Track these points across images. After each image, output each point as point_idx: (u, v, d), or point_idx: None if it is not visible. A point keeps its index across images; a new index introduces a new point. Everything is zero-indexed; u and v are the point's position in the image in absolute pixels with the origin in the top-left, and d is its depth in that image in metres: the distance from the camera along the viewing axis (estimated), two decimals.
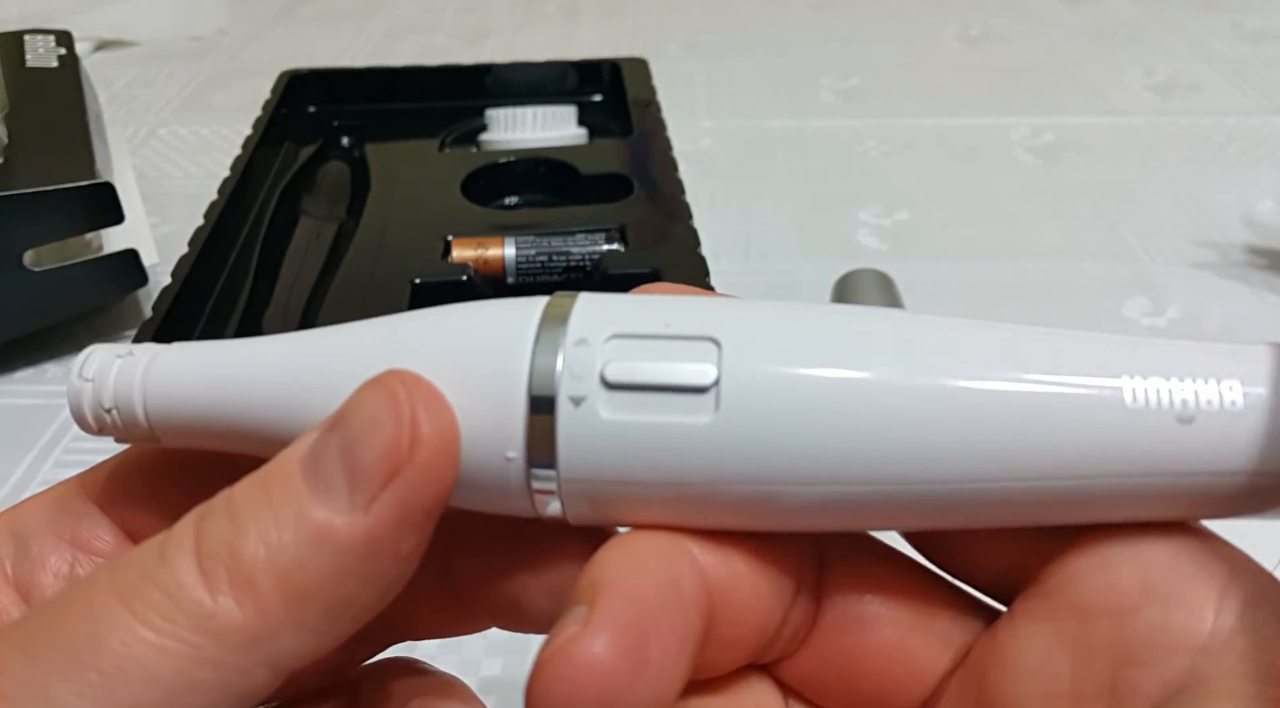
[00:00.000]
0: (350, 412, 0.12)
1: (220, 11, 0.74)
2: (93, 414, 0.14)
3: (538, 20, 0.73)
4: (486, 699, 0.28)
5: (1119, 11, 0.72)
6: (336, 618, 0.12)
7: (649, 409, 0.12)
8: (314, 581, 0.12)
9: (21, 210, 0.37)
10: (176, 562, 0.12)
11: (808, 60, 0.65)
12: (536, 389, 0.12)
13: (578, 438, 0.12)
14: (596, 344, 0.12)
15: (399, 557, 0.12)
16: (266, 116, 0.47)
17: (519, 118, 0.46)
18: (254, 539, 0.12)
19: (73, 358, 0.14)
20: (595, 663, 0.11)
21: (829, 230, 0.47)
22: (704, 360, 0.12)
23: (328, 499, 0.12)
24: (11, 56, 0.48)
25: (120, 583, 0.12)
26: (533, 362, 0.12)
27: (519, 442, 0.12)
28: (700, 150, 0.54)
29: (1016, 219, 0.48)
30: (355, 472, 0.12)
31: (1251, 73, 0.62)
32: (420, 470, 0.12)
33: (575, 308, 0.13)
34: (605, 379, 0.12)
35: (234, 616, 0.11)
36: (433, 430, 0.12)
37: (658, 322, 0.13)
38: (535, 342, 0.13)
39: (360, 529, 0.12)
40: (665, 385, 0.12)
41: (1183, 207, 0.48)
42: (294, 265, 0.41)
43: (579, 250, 0.37)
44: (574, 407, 0.12)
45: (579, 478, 0.13)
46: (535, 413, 0.12)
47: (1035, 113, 0.57)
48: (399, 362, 0.13)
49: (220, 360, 0.14)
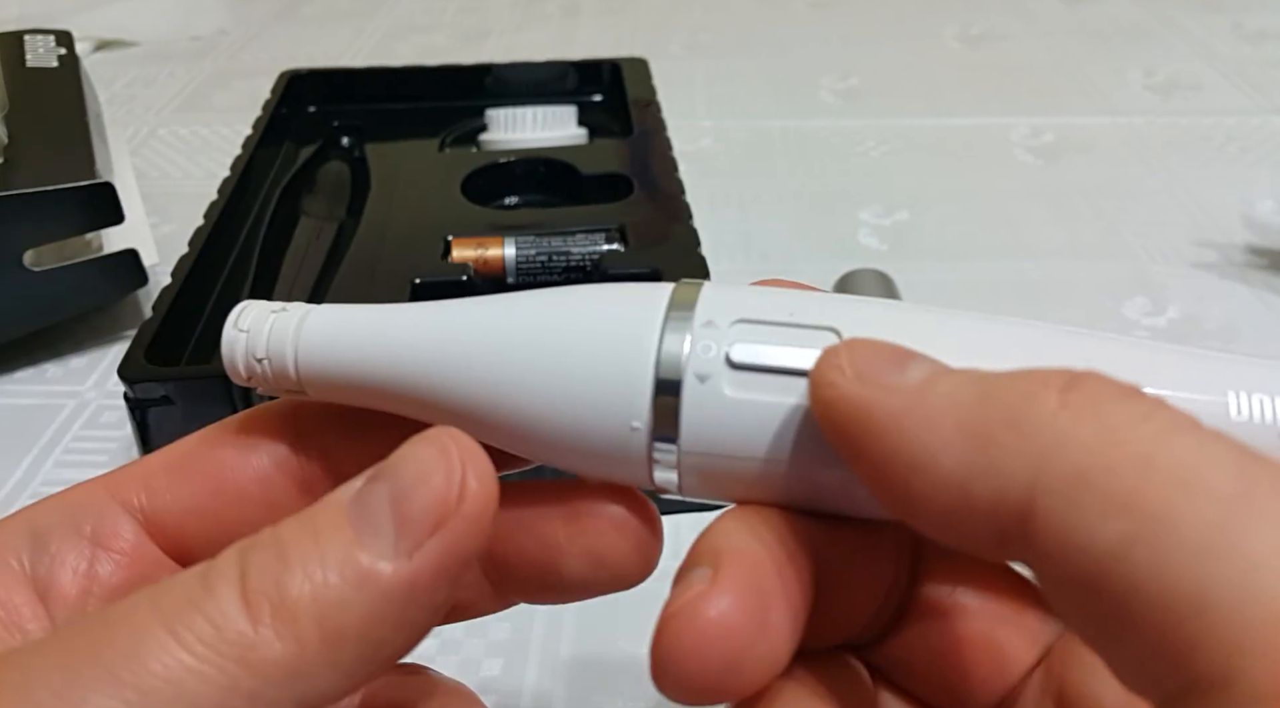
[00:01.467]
0: (402, 463, 0.13)
1: (220, 11, 0.74)
2: (244, 364, 0.15)
3: (538, 20, 0.73)
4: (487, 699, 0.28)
5: (1119, 11, 0.72)
6: (367, 661, 0.12)
7: (771, 390, 0.13)
8: (353, 622, 0.12)
9: (21, 210, 0.37)
10: (221, 592, 0.12)
11: (808, 60, 0.65)
12: (665, 366, 0.13)
13: (701, 413, 0.13)
14: (723, 326, 0.13)
15: (434, 605, 0.13)
16: (266, 116, 0.47)
17: (519, 118, 0.46)
18: (300, 577, 0.12)
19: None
20: (721, 620, 0.12)
21: (829, 230, 0.47)
22: (825, 347, 0.13)
23: (374, 544, 0.12)
24: (11, 56, 0.48)
25: (164, 607, 0.12)
26: (663, 338, 0.13)
27: (644, 413, 0.13)
28: (700, 150, 0.54)
29: (1016, 219, 0.48)
30: (403, 519, 0.12)
31: (1252, 73, 0.62)
32: (465, 523, 0.12)
33: (702, 293, 0.14)
34: (730, 359, 0.13)
35: (274, 649, 0.12)
36: (479, 488, 0.13)
37: (781, 310, 0.13)
38: (665, 320, 0.13)
39: (403, 576, 0.12)
40: (787, 368, 0.13)
41: (1183, 206, 0.48)
42: (294, 265, 0.41)
43: (579, 250, 0.37)
44: (699, 383, 0.13)
45: (698, 452, 0.13)
46: (662, 388, 0.13)
47: (1035, 113, 0.57)
48: (538, 338, 0.14)
49: (369, 323, 0.15)
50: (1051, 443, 0.11)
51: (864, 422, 0.12)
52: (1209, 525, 0.10)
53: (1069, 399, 0.11)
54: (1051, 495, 0.10)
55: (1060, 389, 0.11)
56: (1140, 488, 0.10)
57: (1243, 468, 0.10)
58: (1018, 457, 0.11)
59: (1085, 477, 0.10)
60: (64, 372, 0.40)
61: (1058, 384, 0.11)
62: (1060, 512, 0.10)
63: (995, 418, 0.11)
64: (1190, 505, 0.10)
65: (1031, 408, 0.11)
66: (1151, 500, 0.10)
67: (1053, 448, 0.11)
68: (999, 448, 0.11)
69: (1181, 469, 0.10)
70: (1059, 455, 0.10)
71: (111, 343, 0.41)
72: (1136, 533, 0.10)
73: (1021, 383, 0.11)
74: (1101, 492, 0.10)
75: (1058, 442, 0.11)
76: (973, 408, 0.11)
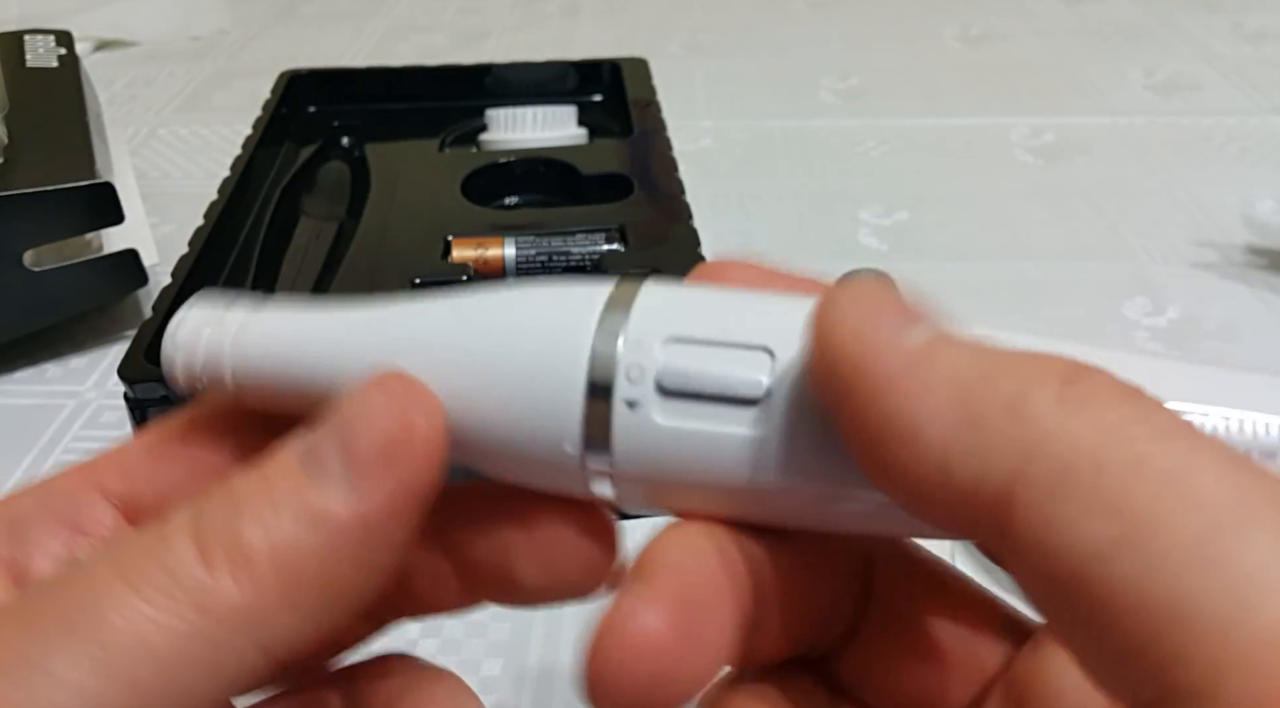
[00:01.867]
0: (348, 406, 0.13)
1: (220, 11, 0.74)
2: (184, 378, 0.15)
3: (538, 20, 0.73)
4: (486, 699, 0.28)
5: (1119, 12, 0.72)
6: (329, 603, 0.12)
7: (702, 417, 0.13)
8: (310, 563, 0.12)
9: (21, 210, 0.37)
10: (176, 542, 0.12)
11: (807, 60, 0.65)
12: (595, 388, 0.13)
13: (632, 439, 0.13)
14: (654, 346, 0.13)
15: (391, 543, 0.13)
16: (266, 116, 0.47)
17: (519, 118, 0.46)
18: (253, 522, 0.12)
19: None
20: (649, 634, 0.12)
21: (829, 230, 0.47)
22: (757, 372, 0.13)
23: (324, 485, 0.12)
24: (11, 56, 0.48)
25: (121, 561, 0.12)
26: (592, 359, 0.13)
27: (576, 437, 0.13)
28: (700, 150, 0.54)
29: (1016, 219, 0.48)
30: (352, 459, 0.12)
31: (1252, 73, 0.62)
32: (414, 459, 0.12)
33: (637, 302, 0.13)
34: (660, 385, 0.13)
35: (231, 594, 0.12)
36: (426, 423, 0.13)
37: (715, 326, 0.13)
38: (595, 334, 0.13)
39: (356, 512, 0.12)
40: (718, 395, 0.13)
41: (1182, 206, 0.48)
42: (294, 265, 0.41)
43: (579, 250, 0.37)
44: (629, 409, 0.13)
45: (632, 474, 0.13)
46: (592, 411, 0.13)
47: (1035, 113, 0.57)
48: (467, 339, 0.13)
49: (301, 335, 0.14)
50: (1042, 434, 0.10)
51: (857, 381, 0.11)
52: (1197, 534, 0.09)
53: (1069, 392, 0.10)
54: (1035, 488, 0.10)
55: (1061, 381, 0.11)
56: (1129, 490, 0.10)
57: (1236, 477, 0.10)
58: (1006, 442, 0.10)
59: (1073, 473, 0.10)
60: (64, 372, 0.40)
61: (1060, 375, 0.11)
62: (1042, 506, 0.10)
63: (990, 399, 0.11)
64: (1180, 512, 0.09)
65: (1029, 395, 0.10)
66: (1140, 504, 0.10)
67: (1043, 439, 0.10)
68: (988, 431, 0.10)
69: (1174, 473, 0.10)
70: (1048, 447, 0.10)
71: (111, 343, 0.41)
72: (1122, 536, 0.09)
73: (1024, 367, 0.11)
74: (1088, 490, 0.10)
75: (1049, 434, 0.10)
76: (969, 385, 0.11)
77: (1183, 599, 0.09)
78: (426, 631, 0.29)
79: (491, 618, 0.30)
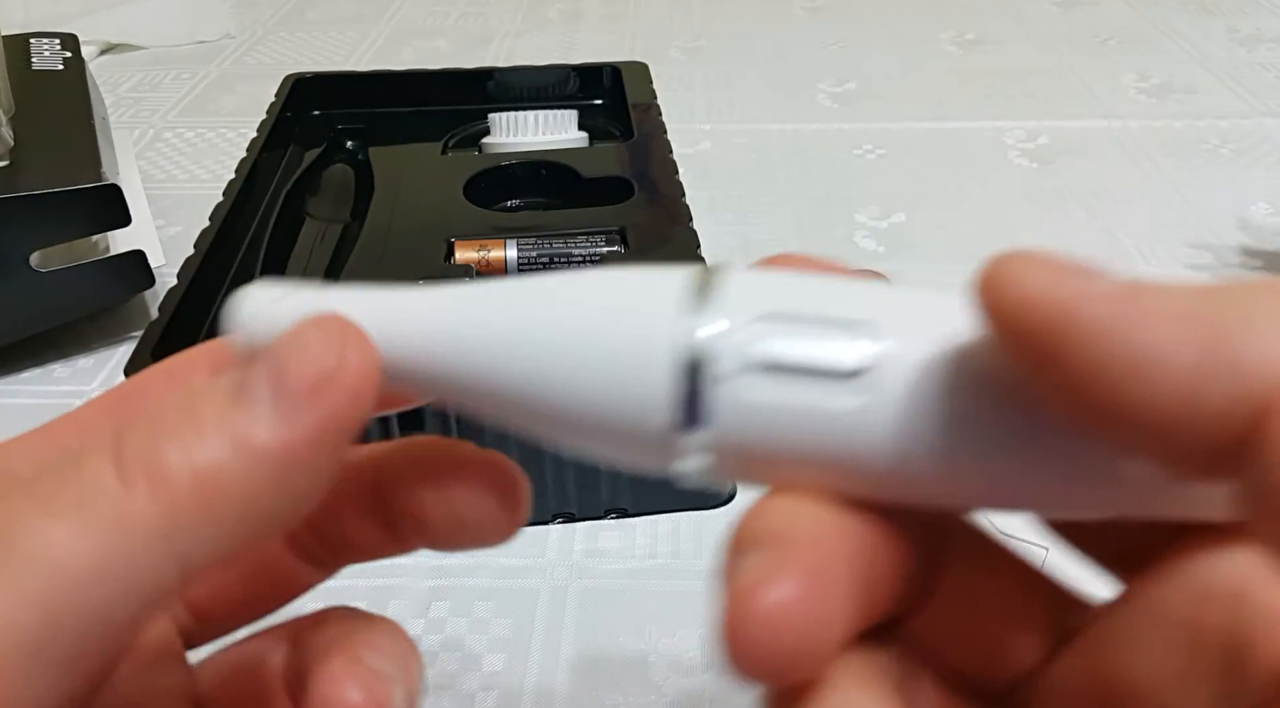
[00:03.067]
0: (283, 340, 0.13)
1: (225, 16, 0.74)
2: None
3: (539, 25, 0.74)
4: (488, 696, 0.28)
5: (1113, 15, 0.72)
6: (248, 523, 0.12)
7: (797, 391, 0.12)
8: (230, 484, 0.12)
9: (29, 212, 0.37)
10: (93, 465, 0.12)
11: (805, 65, 0.66)
12: (693, 361, 0.13)
13: (725, 414, 0.13)
14: (748, 321, 0.13)
15: (313, 472, 0.13)
16: (271, 120, 0.47)
17: (521, 121, 0.46)
18: (175, 444, 0.12)
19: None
20: (789, 605, 0.11)
21: (826, 232, 0.48)
22: (855, 344, 0.12)
23: (252, 411, 0.12)
24: (18, 60, 0.48)
25: (34, 487, 0.12)
26: (684, 332, 0.13)
27: (666, 412, 0.13)
28: (700, 153, 0.55)
29: (1011, 222, 0.48)
30: (282, 388, 0.12)
31: (1245, 76, 0.62)
32: (344, 393, 0.13)
33: (729, 279, 0.13)
34: (755, 359, 0.12)
35: (147, 510, 0.12)
36: (359, 360, 0.13)
37: (810, 301, 0.13)
38: (691, 308, 0.13)
39: (280, 439, 0.12)
40: (815, 369, 0.12)
41: (1177, 209, 0.49)
42: (298, 267, 0.41)
43: (580, 252, 0.38)
44: (723, 383, 0.13)
45: (726, 449, 0.13)
46: (686, 382, 0.13)
47: (1030, 116, 0.58)
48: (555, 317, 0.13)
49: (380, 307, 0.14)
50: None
51: (1071, 329, 0.11)
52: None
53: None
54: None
55: None
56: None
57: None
58: (1258, 359, 0.10)
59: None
60: (71, 372, 0.40)
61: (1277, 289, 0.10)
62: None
63: (1225, 319, 0.10)
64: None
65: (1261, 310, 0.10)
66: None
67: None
68: (1235, 349, 0.10)
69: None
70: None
71: (118, 344, 0.42)
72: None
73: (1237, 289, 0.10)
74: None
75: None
76: (1197, 308, 0.10)
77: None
78: (429, 628, 0.30)
79: (493, 615, 0.30)
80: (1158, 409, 0.10)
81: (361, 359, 0.13)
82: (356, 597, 0.18)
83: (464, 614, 0.30)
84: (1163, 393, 0.10)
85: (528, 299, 0.14)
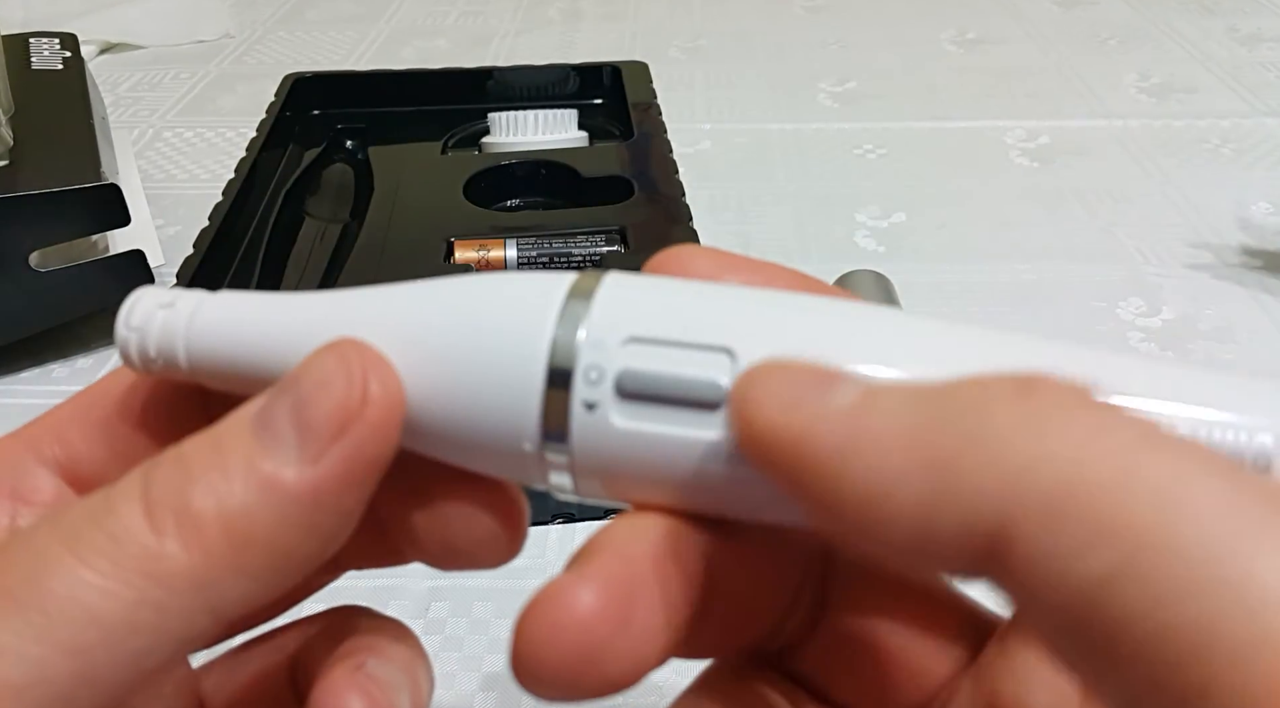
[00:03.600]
0: (303, 373, 0.13)
1: (225, 15, 0.74)
2: (140, 360, 0.14)
3: (539, 24, 0.74)
4: (488, 697, 0.28)
5: (1114, 15, 0.72)
6: (279, 568, 0.12)
7: (661, 420, 0.12)
8: (259, 529, 0.12)
9: (28, 212, 0.37)
10: (124, 508, 0.12)
11: (806, 64, 0.66)
12: (554, 380, 0.13)
13: (591, 439, 0.13)
14: (612, 346, 0.13)
15: (341, 511, 0.13)
16: (271, 119, 0.47)
17: (521, 121, 0.46)
18: (203, 488, 0.12)
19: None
20: (579, 611, 0.11)
21: (827, 232, 0.48)
22: (716, 374, 0.12)
23: (277, 452, 0.12)
24: (17, 59, 0.48)
25: (64, 528, 0.12)
26: (551, 359, 0.13)
27: (534, 435, 0.13)
28: (700, 153, 0.55)
29: (1012, 221, 0.48)
30: (305, 427, 0.12)
31: (1246, 75, 0.62)
32: (368, 428, 0.12)
33: (596, 298, 0.13)
34: (619, 388, 0.13)
35: (179, 559, 0.12)
36: (382, 392, 0.13)
37: (675, 325, 0.13)
38: (557, 325, 0.13)
39: (307, 481, 0.12)
40: (678, 398, 0.12)
41: (1178, 209, 0.49)
42: (298, 267, 0.41)
43: (580, 252, 0.38)
44: (587, 411, 0.13)
45: (590, 470, 0.13)
46: (551, 401, 0.13)
47: (1031, 116, 0.58)
48: (425, 325, 0.13)
49: (258, 315, 0.14)
50: (1019, 464, 0.10)
51: (802, 456, 0.11)
52: (1205, 551, 0.09)
53: (1027, 408, 0.10)
54: (1027, 523, 0.09)
55: (1014, 397, 0.10)
56: (1124, 510, 0.09)
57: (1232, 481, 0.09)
58: (984, 480, 0.10)
59: (1062, 501, 0.09)
60: (70, 372, 0.40)
61: (1009, 392, 0.10)
62: (1038, 541, 0.09)
63: (950, 437, 0.10)
64: (1182, 528, 0.09)
65: (988, 422, 0.10)
66: (1138, 525, 0.09)
67: (1022, 469, 0.09)
68: (961, 472, 0.10)
69: (1166, 485, 0.09)
70: (1029, 478, 0.09)
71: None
72: (1125, 562, 0.09)
73: (969, 394, 0.10)
74: (1082, 517, 0.09)
75: (1026, 462, 0.09)
76: (923, 428, 0.10)
77: (1201, 628, 0.08)
78: (429, 628, 0.30)
79: (494, 616, 0.30)
80: (895, 536, 0.10)
81: (384, 390, 0.13)
82: (356, 597, 0.17)
83: (464, 614, 0.30)
84: (896, 523, 0.10)
85: (402, 304, 0.14)
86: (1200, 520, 0.09)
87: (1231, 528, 0.09)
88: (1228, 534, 0.09)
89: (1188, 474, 0.09)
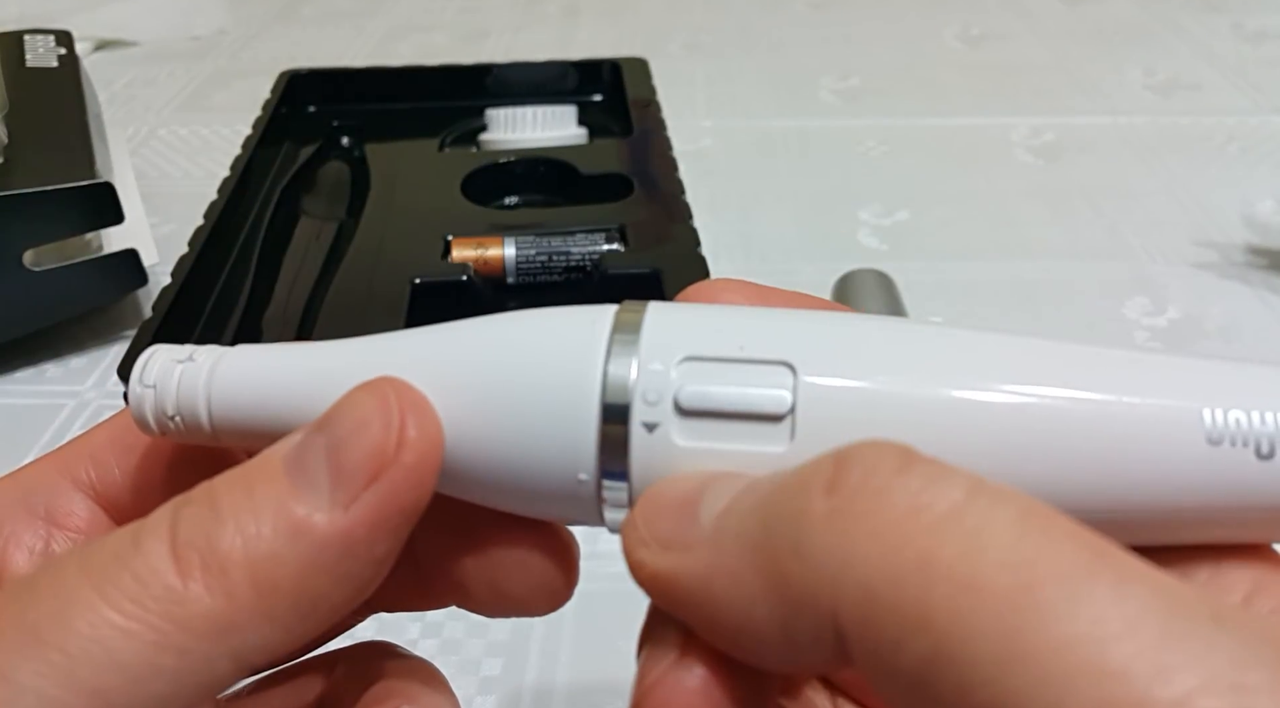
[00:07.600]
0: (339, 413, 0.12)
1: (220, 11, 0.74)
2: (155, 420, 0.14)
3: (538, 20, 0.73)
4: (487, 700, 0.28)
5: (1119, 11, 0.72)
6: (305, 615, 0.12)
7: (723, 437, 0.12)
8: (287, 575, 0.12)
9: (21, 210, 0.37)
10: (150, 547, 0.12)
11: (808, 60, 0.65)
12: (610, 415, 0.12)
13: (652, 465, 0.12)
14: (669, 367, 0.12)
15: (373, 559, 0.12)
16: (266, 116, 0.47)
17: (519, 118, 0.46)
18: (231, 530, 0.12)
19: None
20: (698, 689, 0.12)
21: (829, 230, 0.47)
22: (779, 387, 0.12)
23: (309, 495, 0.12)
24: (11, 56, 0.48)
25: (91, 565, 0.12)
26: (605, 382, 0.12)
27: (591, 465, 0.12)
28: (700, 150, 0.54)
29: (1017, 219, 0.48)
30: (339, 470, 0.12)
31: (1252, 73, 0.62)
32: (404, 473, 0.12)
33: (645, 324, 0.13)
34: (679, 406, 0.12)
35: (203, 603, 0.11)
36: (419, 436, 0.12)
37: (731, 343, 0.13)
38: (607, 359, 0.13)
39: (339, 527, 0.12)
40: (740, 413, 0.12)
41: (1183, 206, 0.48)
42: (294, 265, 0.41)
43: (579, 250, 0.37)
44: (647, 433, 0.12)
45: None
46: (608, 438, 0.12)
47: (1036, 113, 0.57)
48: (465, 365, 0.13)
49: (283, 368, 0.14)
50: (833, 569, 0.10)
51: (677, 595, 0.11)
52: (999, 632, 0.09)
53: (836, 504, 0.10)
54: (851, 623, 0.10)
55: (825, 491, 0.10)
56: (926, 600, 0.09)
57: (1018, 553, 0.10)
58: (812, 588, 0.10)
59: (875, 598, 0.10)
60: (64, 372, 0.40)
61: (822, 485, 0.11)
62: (864, 636, 0.10)
63: (780, 551, 0.11)
64: (977, 612, 0.09)
65: (804, 529, 0.10)
66: (940, 613, 0.09)
67: (835, 574, 0.10)
68: (794, 584, 0.10)
69: (960, 569, 0.10)
70: (845, 578, 0.10)
71: (111, 343, 0.41)
72: (935, 651, 0.09)
73: (789, 496, 0.11)
74: (893, 611, 0.10)
75: (839, 566, 0.10)
76: (760, 547, 0.11)
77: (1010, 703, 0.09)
78: (426, 631, 0.29)
79: (492, 619, 0.30)
80: (770, 651, 0.11)
81: (421, 434, 0.12)
82: None
83: (461, 618, 0.30)
84: (767, 639, 0.11)
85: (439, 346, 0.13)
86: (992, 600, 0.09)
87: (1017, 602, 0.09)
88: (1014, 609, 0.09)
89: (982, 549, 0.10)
